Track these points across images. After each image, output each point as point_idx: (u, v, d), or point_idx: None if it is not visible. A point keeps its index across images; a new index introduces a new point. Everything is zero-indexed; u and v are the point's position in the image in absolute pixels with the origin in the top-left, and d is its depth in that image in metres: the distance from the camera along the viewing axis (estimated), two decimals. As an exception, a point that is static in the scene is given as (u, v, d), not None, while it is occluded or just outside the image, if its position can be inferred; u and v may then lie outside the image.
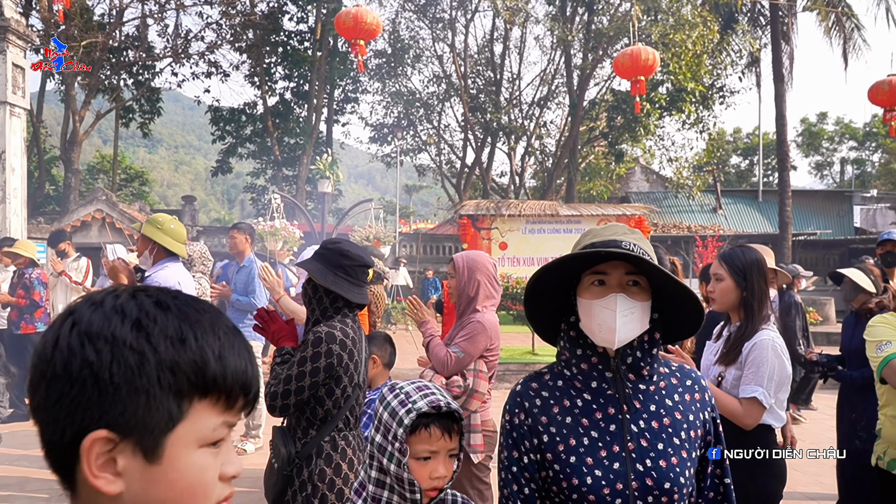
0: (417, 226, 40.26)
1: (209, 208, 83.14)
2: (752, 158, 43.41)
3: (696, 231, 25.52)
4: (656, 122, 22.32)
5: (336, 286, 2.66)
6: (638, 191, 32.51)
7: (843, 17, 22.15)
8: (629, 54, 9.74)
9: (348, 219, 16.80)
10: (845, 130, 44.85)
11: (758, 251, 3.06)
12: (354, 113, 26.82)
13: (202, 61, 23.58)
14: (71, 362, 0.75)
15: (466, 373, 3.52)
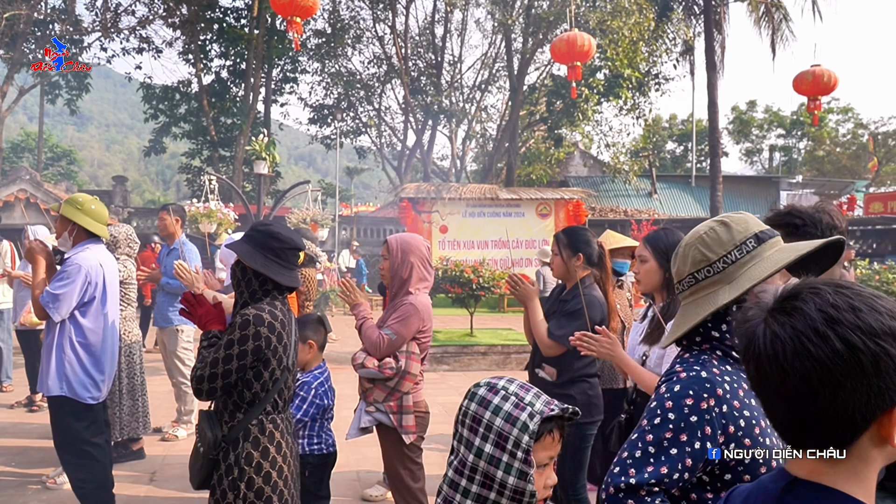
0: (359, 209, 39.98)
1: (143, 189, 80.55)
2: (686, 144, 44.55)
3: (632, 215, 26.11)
4: (594, 107, 22.66)
5: (266, 269, 2.63)
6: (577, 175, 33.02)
7: (773, 9, 22.87)
8: (566, 40, 9.85)
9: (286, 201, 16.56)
10: (774, 118, 46.42)
11: (680, 233, 3.15)
12: (293, 93, 26.39)
13: (133, 37, 22.74)
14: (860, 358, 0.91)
15: (399, 354, 3.54)
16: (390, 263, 3.62)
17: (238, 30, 24.14)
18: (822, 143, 40.26)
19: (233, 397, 2.59)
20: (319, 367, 3.84)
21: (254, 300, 2.66)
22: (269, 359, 2.59)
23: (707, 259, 1.67)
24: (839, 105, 41.82)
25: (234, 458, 2.55)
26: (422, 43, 24.44)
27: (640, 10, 18.97)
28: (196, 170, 25.69)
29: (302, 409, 3.64)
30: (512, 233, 17.76)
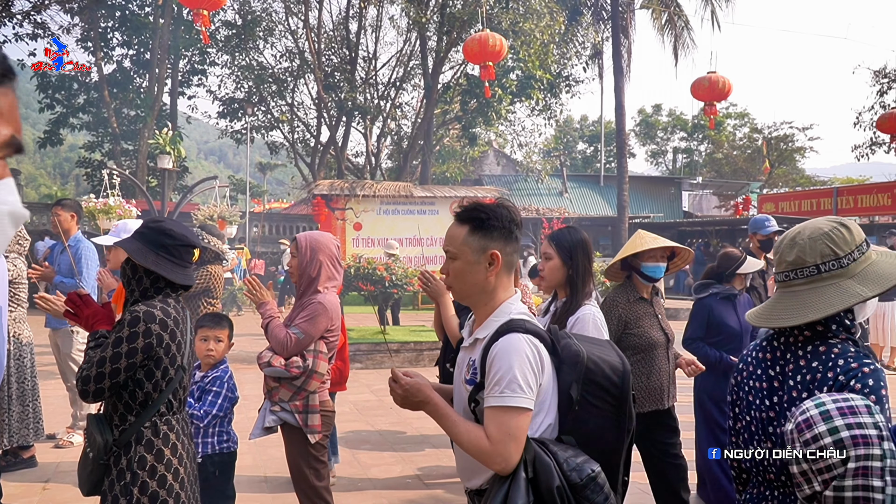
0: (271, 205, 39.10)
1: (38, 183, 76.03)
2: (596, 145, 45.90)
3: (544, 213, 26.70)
4: (508, 107, 23.01)
5: (157, 266, 2.54)
6: (490, 174, 33.48)
7: (675, 17, 23.90)
8: (477, 40, 9.96)
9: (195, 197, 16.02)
10: (677, 122, 48.50)
11: (583, 232, 3.25)
12: (202, 85, 25.52)
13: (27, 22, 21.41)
14: None
15: (306, 353, 3.49)
16: (299, 261, 3.57)
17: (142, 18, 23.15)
18: (720, 147, 42.34)
19: (123, 399, 2.49)
20: (222, 363, 3.80)
21: (145, 299, 2.57)
22: (161, 357, 2.50)
23: (835, 254, 1.86)
24: (737, 110, 44.07)
25: (125, 463, 2.45)
26: (336, 38, 24.14)
27: (551, 14, 19.41)
28: (97, 163, 24.46)
29: (216, 404, 3.60)
30: (426, 230, 17.81)
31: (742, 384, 2.00)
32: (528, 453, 1.82)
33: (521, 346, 1.87)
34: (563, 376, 1.92)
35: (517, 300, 2.05)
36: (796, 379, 1.83)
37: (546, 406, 1.91)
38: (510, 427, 1.82)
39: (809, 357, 1.82)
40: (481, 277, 2.01)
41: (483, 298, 2.04)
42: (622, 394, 1.93)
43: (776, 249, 2.01)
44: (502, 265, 2.01)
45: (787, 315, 1.87)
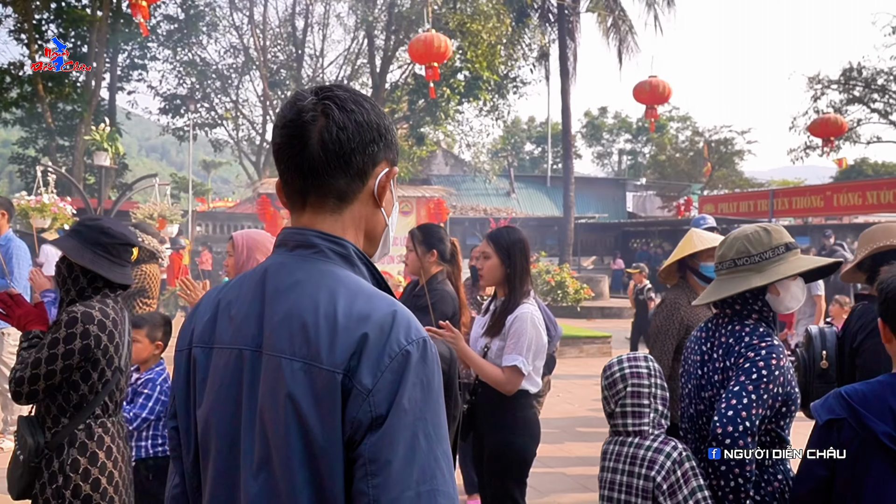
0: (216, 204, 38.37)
1: (-33, 180, 72.90)
2: (543, 146, 46.47)
3: (492, 213, 26.92)
4: (456, 107, 23.11)
5: (94, 265, 2.50)
6: (439, 174, 33.56)
7: (620, 21, 24.37)
8: (423, 41, 9.99)
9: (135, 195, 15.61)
10: (622, 125, 49.53)
11: (521, 232, 3.31)
12: (142, 81, 24.87)
13: (-46, 11, 20.50)
14: None
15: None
16: (235, 260, 3.52)
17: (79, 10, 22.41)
18: (664, 149, 43.37)
19: (57, 401, 2.44)
20: (159, 364, 3.72)
21: (82, 299, 2.52)
22: (98, 359, 2.46)
23: (748, 252, 2.29)
24: (679, 114, 45.24)
25: (58, 466, 2.40)
26: (282, 35, 23.84)
27: (498, 15, 19.57)
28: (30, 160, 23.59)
29: (147, 406, 3.51)
30: (374, 230, 17.74)
31: (686, 359, 2.49)
32: None
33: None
34: None
35: None
36: (718, 352, 2.29)
37: None
38: None
39: (727, 335, 2.28)
40: None
41: None
42: (449, 380, 1.92)
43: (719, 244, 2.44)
44: None
45: (706, 297, 2.41)
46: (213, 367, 1.19)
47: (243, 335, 1.17)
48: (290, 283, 1.16)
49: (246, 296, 1.21)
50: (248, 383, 1.13)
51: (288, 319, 1.12)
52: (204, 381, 1.20)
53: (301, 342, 1.09)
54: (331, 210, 1.22)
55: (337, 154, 1.17)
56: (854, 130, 28.21)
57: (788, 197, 23.12)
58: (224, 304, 1.23)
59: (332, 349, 1.07)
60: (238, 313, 1.19)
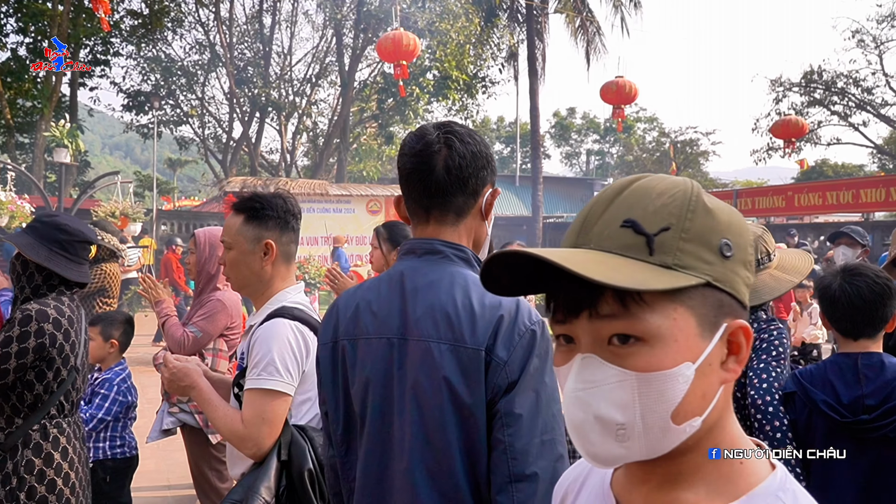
0: (182, 203, 37.84)
1: (-77, 177, 70.77)
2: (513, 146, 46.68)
3: (461, 213, 26.87)
4: (425, 106, 23.10)
5: (50, 262, 2.46)
6: (408, 173, 33.49)
7: (587, 22, 24.57)
8: (391, 39, 9.98)
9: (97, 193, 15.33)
10: (590, 125, 49.92)
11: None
12: (105, 76, 24.41)
13: None
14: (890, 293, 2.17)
15: (205, 352, 3.43)
16: (197, 258, 3.49)
17: (39, 4, 21.92)
18: (631, 149, 43.87)
19: (11, 401, 2.40)
20: (119, 363, 3.67)
21: (37, 297, 2.47)
22: (53, 358, 2.42)
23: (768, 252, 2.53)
24: (646, 115, 45.77)
25: (11, 467, 2.36)
26: (249, 32, 23.58)
27: (467, 15, 19.61)
28: (-11, 157, 23.02)
29: (104, 407, 3.46)
30: (342, 229, 17.69)
31: None
32: (285, 437, 1.84)
33: (282, 332, 1.90)
34: None
35: (297, 290, 2.09)
36: None
37: (314, 395, 1.92)
38: (264, 410, 1.82)
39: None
40: (257, 267, 2.04)
41: (259, 288, 2.07)
42: None
43: None
44: (278, 255, 2.05)
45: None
46: (362, 354, 1.47)
47: (388, 327, 1.45)
48: (426, 283, 1.44)
49: (385, 295, 1.48)
50: (398, 364, 1.42)
51: (431, 311, 1.40)
52: (353, 366, 1.48)
53: (446, 328, 1.38)
54: (451, 223, 1.50)
55: (457, 178, 1.47)
56: (815, 132, 28.82)
57: (751, 197, 23.54)
58: (364, 303, 1.50)
59: (473, 332, 1.37)
60: (380, 309, 1.47)
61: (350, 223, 17.72)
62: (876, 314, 2.16)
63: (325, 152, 23.28)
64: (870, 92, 27.18)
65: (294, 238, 2.13)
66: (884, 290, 2.17)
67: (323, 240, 17.53)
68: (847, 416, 2.12)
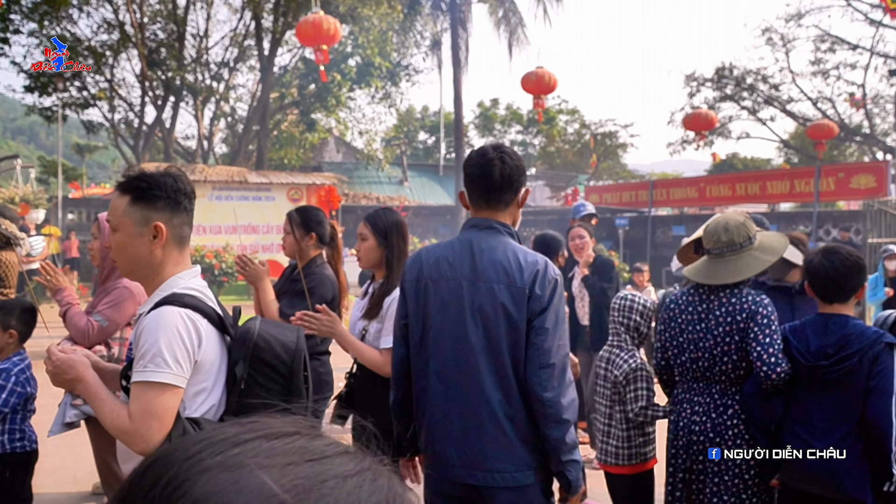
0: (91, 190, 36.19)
1: None
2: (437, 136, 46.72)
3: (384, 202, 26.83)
4: (348, 93, 22.81)
5: None
6: (331, 161, 33.07)
7: (510, 13, 24.81)
8: (311, 22, 9.76)
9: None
10: (513, 116, 50.45)
11: (399, 214, 3.31)
12: (4, 55, 22.98)
13: None
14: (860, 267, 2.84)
15: (111, 342, 3.28)
16: (100, 243, 3.33)
17: (-70, -24, 20.39)
18: (553, 141, 44.62)
19: None
20: (19, 353, 3.47)
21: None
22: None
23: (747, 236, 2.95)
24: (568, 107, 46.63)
25: None
26: (161, 12, 22.62)
27: (389, 1, 19.45)
28: None
29: (1, 398, 3.27)
30: (262, 217, 17.30)
31: (674, 318, 3.04)
32: (176, 431, 1.76)
33: (171, 320, 1.80)
34: (233, 354, 1.91)
35: (192, 275, 1.98)
36: (722, 310, 2.89)
37: (210, 386, 1.87)
38: (152, 404, 1.74)
39: (729, 296, 2.90)
40: (145, 251, 1.91)
41: (150, 273, 1.96)
42: (291, 373, 1.93)
43: (712, 234, 3.01)
44: (169, 238, 1.92)
45: (728, 275, 2.92)
46: (440, 289, 2.33)
47: (462, 272, 2.31)
48: (488, 246, 2.32)
49: (458, 252, 2.35)
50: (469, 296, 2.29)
51: (493, 264, 2.28)
52: (434, 295, 2.33)
53: (503, 275, 2.27)
54: (501, 210, 2.39)
55: (508, 182, 2.35)
56: (726, 126, 30.07)
57: (666, 188, 24.38)
58: (442, 256, 2.37)
59: (521, 278, 2.25)
60: (455, 261, 2.33)
61: (271, 211, 17.34)
62: (846, 284, 2.73)
63: (244, 139, 22.67)
64: (777, 88, 28.51)
65: (187, 220, 1.99)
66: (854, 265, 2.74)
67: (242, 228, 17.10)
68: (811, 360, 2.70)
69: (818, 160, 22.50)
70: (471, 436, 2.25)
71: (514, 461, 2.24)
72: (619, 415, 3.41)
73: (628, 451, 3.38)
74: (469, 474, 2.24)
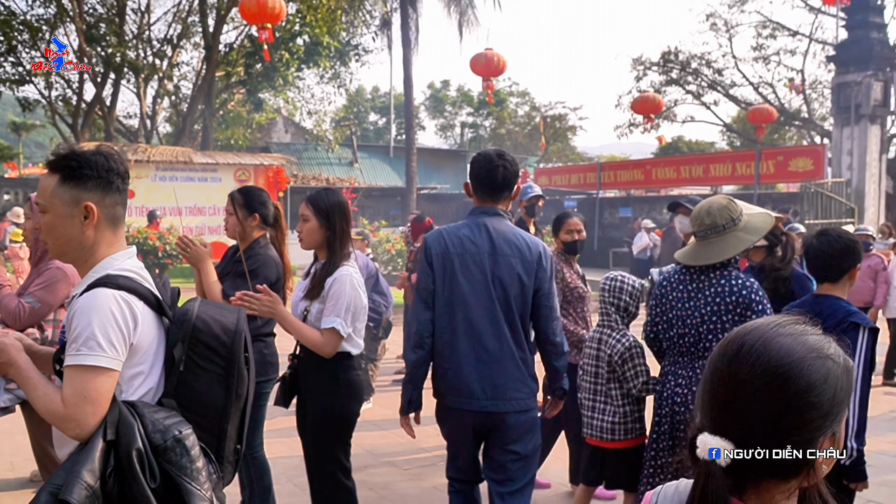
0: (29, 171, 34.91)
1: None
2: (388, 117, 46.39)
3: (334, 183, 26.57)
4: (296, 73, 22.42)
5: None
6: (279, 141, 32.56)
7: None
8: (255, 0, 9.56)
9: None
10: (464, 98, 50.41)
11: (341, 194, 3.31)
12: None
13: None
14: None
15: (45, 324, 3.22)
16: (33, 224, 3.24)
17: None
18: (504, 123, 44.77)
19: None
20: None
21: None
22: None
23: (731, 218, 3.09)
24: (519, 89, 46.81)
25: None
26: (101, -14, 21.77)
27: (338, -21, 19.14)
28: None
29: None
30: (208, 199, 16.96)
31: (665, 295, 3.23)
32: (112, 415, 1.73)
33: (104, 302, 1.77)
34: (171, 336, 1.89)
35: (126, 256, 1.94)
36: (710, 290, 3.06)
37: (147, 369, 1.86)
38: (86, 388, 1.71)
39: (717, 277, 3.07)
40: (76, 233, 1.87)
41: (82, 255, 1.91)
42: (231, 355, 1.90)
43: (696, 217, 3.17)
44: (101, 218, 1.88)
45: (713, 255, 3.07)
46: (466, 261, 2.97)
47: (484, 249, 2.97)
48: (500, 228, 3.02)
49: (476, 233, 3.00)
50: (490, 266, 2.95)
51: (507, 242, 2.98)
52: (460, 266, 2.97)
53: (517, 251, 2.97)
54: (501, 201, 3.09)
55: (508, 182, 3.06)
56: (671, 110, 30.63)
57: (614, 170, 24.78)
58: (464, 236, 3.01)
59: (531, 254, 2.99)
60: (476, 239, 2.99)
61: (217, 193, 16.99)
62: (834, 264, 2.89)
63: (188, 118, 22.09)
64: (720, 73, 29.13)
65: (120, 200, 1.93)
66: (843, 247, 2.89)
67: (187, 210, 16.76)
68: None
69: (759, 144, 23.14)
70: (494, 373, 2.95)
71: (525, 391, 3.00)
72: (615, 391, 3.59)
73: (624, 426, 3.57)
74: (493, 404, 2.95)
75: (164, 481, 1.70)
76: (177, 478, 1.71)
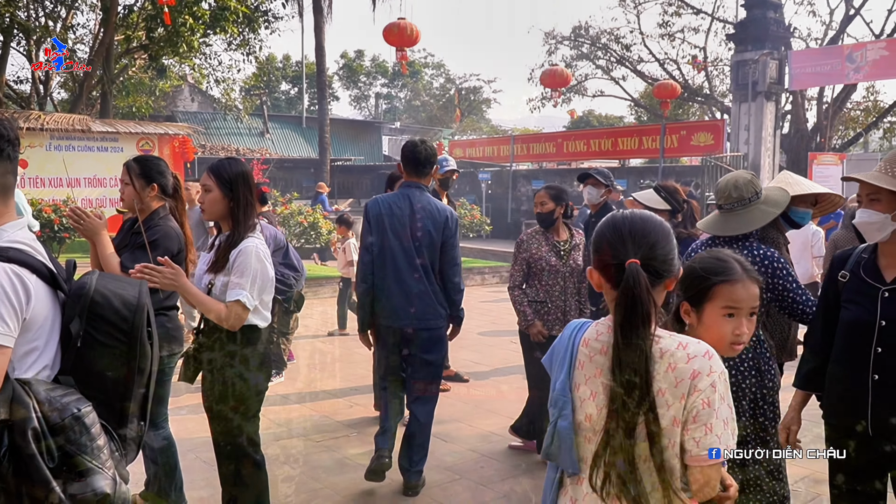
0: None
1: None
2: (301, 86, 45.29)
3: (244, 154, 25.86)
4: (201, 38, 21.49)
5: None
6: (185, 110, 31.32)
7: (374, -39, 24.18)
8: (156, -42, 9.07)
9: None
10: (379, 69, 49.78)
11: (245, 164, 3.22)
12: None
13: None
14: None
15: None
16: None
17: None
18: (419, 94, 44.57)
19: None
20: None
21: None
22: None
23: (755, 191, 3.24)
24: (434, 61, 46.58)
25: None
26: (-16, -61, 20.12)
27: (245, -59, 18.38)
28: None
29: None
30: (109, 169, 16.16)
31: None
32: (5, 394, 1.66)
33: None
34: (67, 311, 1.83)
35: (17, 227, 1.83)
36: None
37: (42, 345, 1.79)
38: None
39: (740, 248, 3.13)
40: None
41: None
42: (133, 329, 1.85)
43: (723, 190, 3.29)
44: None
45: (742, 226, 3.20)
46: (391, 221, 4.11)
47: (405, 212, 4.12)
48: (419, 199, 4.17)
49: (401, 201, 4.16)
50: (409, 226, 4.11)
51: (423, 208, 4.14)
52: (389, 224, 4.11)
53: (428, 214, 4.14)
54: (424, 177, 4.27)
55: (429, 161, 4.25)
56: (582, 84, 31.26)
57: (526, 143, 25.14)
58: (393, 204, 4.15)
59: (440, 216, 4.18)
60: (401, 205, 4.14)
61: (118, 163, 16.07)
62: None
63: (85, 84, 20.88)
64: (629, 49, 29.87)
65: (11, 168, 1.82)
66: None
67: (87, 181, 15.93)
68: None
69: (664, 119, 23.96)
70: (413, 302, 4.08)
71: (435, 314, 4.16)
72: None
73: None
74: (409, 323, 4.11)
75: (64, 460, 1.65)
76: (76, 456, 1.66)
